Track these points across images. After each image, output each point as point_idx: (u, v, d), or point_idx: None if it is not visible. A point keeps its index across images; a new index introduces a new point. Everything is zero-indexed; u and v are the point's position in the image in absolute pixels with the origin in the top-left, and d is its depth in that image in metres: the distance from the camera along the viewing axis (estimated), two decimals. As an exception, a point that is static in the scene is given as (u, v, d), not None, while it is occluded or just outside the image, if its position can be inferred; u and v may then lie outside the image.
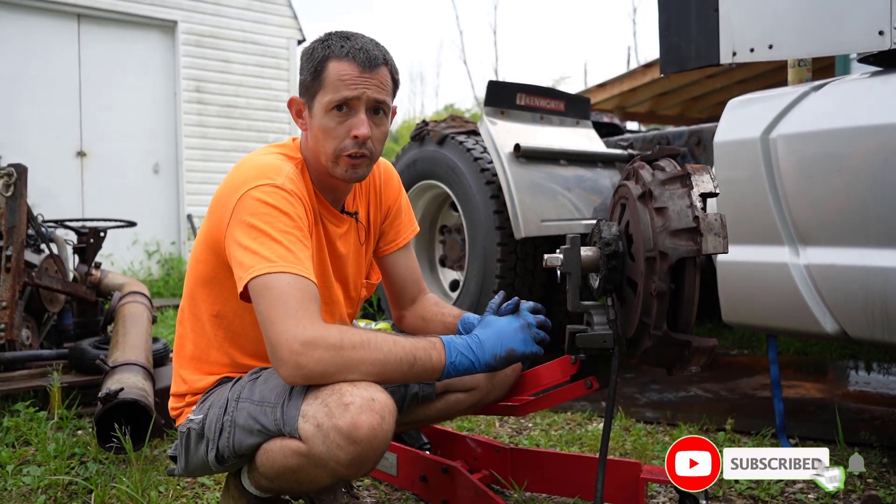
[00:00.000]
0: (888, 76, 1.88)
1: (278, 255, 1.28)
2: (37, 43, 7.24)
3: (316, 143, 1.44)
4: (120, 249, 7.21)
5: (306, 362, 1.22)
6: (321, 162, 1.45)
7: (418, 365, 1.31)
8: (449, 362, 1.34)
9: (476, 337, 1.40)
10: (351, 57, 1.38)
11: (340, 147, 1.41)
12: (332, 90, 1.38)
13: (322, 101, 1.40)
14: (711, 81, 6.59)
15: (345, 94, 1.38)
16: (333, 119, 1.40)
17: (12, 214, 2.80)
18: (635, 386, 3.11)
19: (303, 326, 1.23)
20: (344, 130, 1.40)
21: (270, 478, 1.34)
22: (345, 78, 1.38)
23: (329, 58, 1.39)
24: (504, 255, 3.27)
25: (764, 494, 1.87)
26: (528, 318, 1.45)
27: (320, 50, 1.41)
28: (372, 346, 1.27)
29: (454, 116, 3.86)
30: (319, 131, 1.42)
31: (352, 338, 1.26)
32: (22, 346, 2.91)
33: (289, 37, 8.74)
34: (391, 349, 1.29)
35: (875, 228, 1.80)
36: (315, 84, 1.40)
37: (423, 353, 1.32)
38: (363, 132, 1.39)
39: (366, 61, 1.39)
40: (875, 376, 3.27)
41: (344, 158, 1.42)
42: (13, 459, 2.14)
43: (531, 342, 1.42)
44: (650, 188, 1.33)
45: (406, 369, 1.30)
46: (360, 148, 1.41)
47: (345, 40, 1.41)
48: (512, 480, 1.84)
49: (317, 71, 1.40)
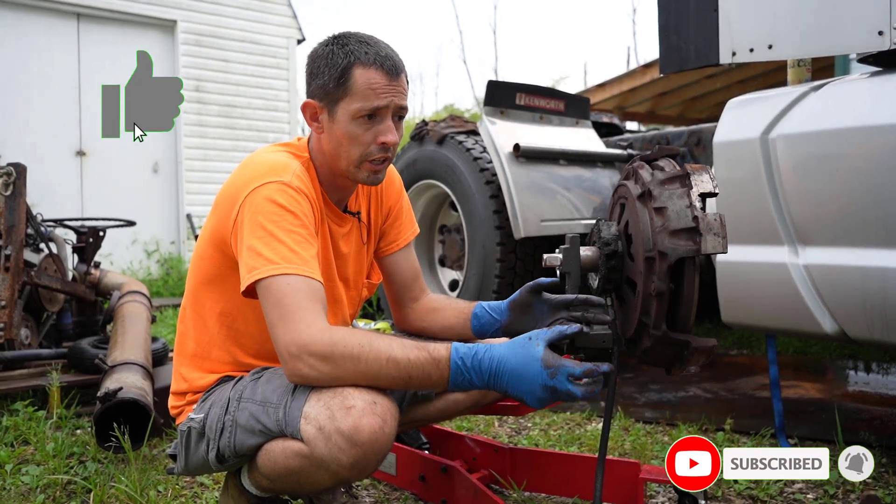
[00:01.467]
0: (888, 76, 1.88)
1: (282, 257, 1.28)
2: (36, 42, 7.23)
3: (338, 147, 1.43)
4: (119, 249, 7.21)
5: (302, 367, 1.24)
6: (339, 166, 1.45)
7: (413, 383, 1.27)
8: (452, 383, 1.27)
9: (497, 364, 1.25)
10: (378, 64, 1.38)
11: (366, 153, 1.42)
12: (362, 98, 1.37)
13: (349, 108, 1.38)
14: (711, 81, 6.58)
15: (376, 103, 1.38)
16: (361, 126, 1.40)
17: (11, 213, 2.80)
18: (634, 386, 3.11)
19: (299, 330, 1.23)
20: (370, 137, 1.40)
21: (271, 478, 1.33)
22: (375, 87, 1.37)
23: (354, 64, 1.38)
24: (503, 255, 3.27)
25: (763, 494, 1.87)
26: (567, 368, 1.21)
27: (342, 55, 1.38)
28: (363, 360, 1.23)
29: (454, 116, 3.86)
30: (344, 137, 1.41)
31: (343, 350, 1.22)
32: (21, 345, 2.91)
33: (288, 36, 8.73)
34: (382, 368, 1.23)
35: (874, 228, 1.80)
36: (339, 91, 1.39)
37: (418, 371, 1.25)
38: (392, 139, 1.41)
39: (392, 69, 1.39)
40: (874, 376, 3.27)
41: (368, 164, 1.43)
42: (12, 459, 2.14)
43: (547, 399, 1.24)
44: (650, 188, 1.33)
45: (400, 385, 1.27)
46: (386, 153, 1.43)
47: (367, 46, 1.39)
48: (511, 480, 1.84)
49: (342, 77, 1.38)
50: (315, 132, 1.47)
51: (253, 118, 8.44)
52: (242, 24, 8.38)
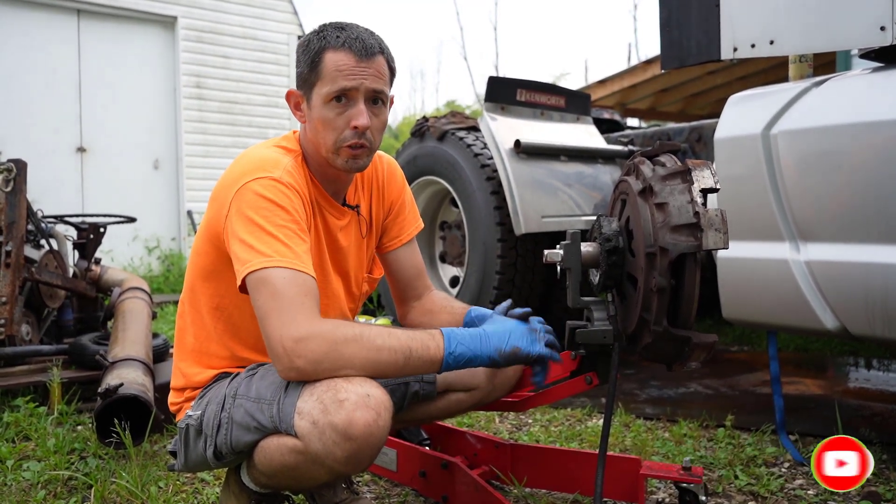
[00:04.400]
0: (889, 72, 1.88)
1: (274, 250, 1.28)
2: (36, 38, 7.23)
3: (315, 134, 1.44)
4: (120, 245, 7.20)
5: (299, 359, 1.23)
6: (321, 153, 1.45)
7: (414, 356, 1.29)
8: (448, 352, 1.32)
9: (482, 329, 1.39)
10: (347, 47, 1.38)
11: (340, 138, 1.41)
12: (330, 81, 1.38)
13: (320, 92, 1.39)
14: (712, 78, 6.58)
15: (343, 84, 1.38)
16: (332, 110, 1.40)
17: (12, 210, 2.80)
18: (635, 382, 3.11)
19: (297, 323, 1.23)
20: (343, 121, 1.40)
21: (268, 475, 1.34)
22: (342, 68, 1.37)
23: (325, 49, 1.39)
24: (504, 251, 3.27)
25: (763, 490, 1.87)
26: (535, 326, 1.44)
27: (316, 41, 1.40)
28: (365, 339, 1.26)
29: (454, 112, 3.86)
30: (319, 123, 1.41)
31: (345, 332, 1.25)
32: (22, 341, 2.91)
33: (289, 32, 8.73)
34: (385, 341, 1.28)
35: (876, 225, 1.79)
36: (312, 75, 1.40)
37: (418, 343, 1.30)
38: (362, 122, 1.39)
39: (362, 50, 1.38)
40: (875, 373, 3.27)
41: (344, 149, 1.42)
42: (13, 455, 2.14)
43: (538, 343, 1.41)
44: (651, 184, 1.33)
45: (402, 362, 1.29)
46: (360, 138, 1.41)
47: (340, 30, 1.40)
48: (512, 476, 1.84)
49: (314, 62, 1.39)
50: (300, 122, 1.49)
51: (253, 114, 8.44)
52: (243, 20, 8.38)
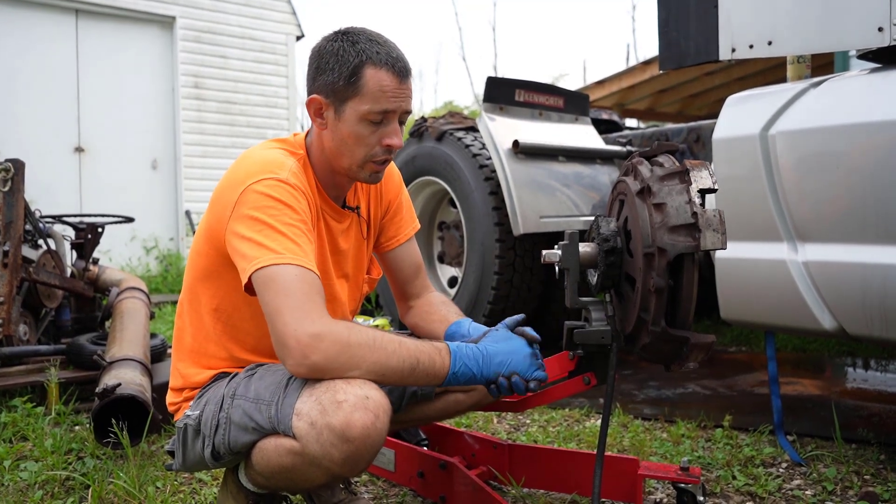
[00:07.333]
0: (887, 73, 1.88)
1: (284, 248, 1.28)
2: (34, 38, 7.22)
3: (341, 145, 1.42)
4: (118, 245, 7.20)
5: (313, 354, 1.22)
6: (341, 164, 1.45)
7: (420, 368, 1.30)
8: (451, 373, 1.33)
9: (486, 349, 1.38)
10: (390, 66, 1.37)
11: (371, 154, 1.42)
12: (372, 100, 1.37)
13: (358, 108, 1.38)
14: (710, 78, 6.58)
15: (386, 106, 1.38)
16: (367, 128, 1.40)
17: (10, 210, 2.79)
18: (633, 382, 3.11)
19: (311, 319, 1.23)
20: (376, 139, 1.41)
21: (266, 476, 1.33)
22: (386, 90, 1.37)
23: (365, 63, 1.36)
24: (502, 252, 3.27)
25: (761, 491, 1.87)
26: (535, 351, 1.43)
27: (354, 53, 1.37)
28: (377, 345, 1.26)
29: (453, 113, 3.85)
30: (350, 137, 1.40)
31: (358, 335, 1.25)
32: (19, 341, 2.90)
33: (287, 33, 8.72)
34: (395, 350, 1.28)
35: (874, 225, 1.80)
36: (349, 90, 1.37)
37: (426, 356, 1.31)
38: (398, 143, 1.42)
39: (403, 71, 1.39)
40: (873, 373, 3.27)
41: (371, 164, 1.44)
42: (10, 455, 2.14)
43: (536, 369, 1.40)
44: (649, 184, 1.33)
45: (408, 371, 1.29)
46: (389, 154, 1.44)
47: (378, 45, 1.38)
48: (510, 476, 1.84)
49: (353, 76, 1.37)
50: (317, 128, 1.46)
51: (252, 115, 8.43)
52: (242, 20, 8.37)
